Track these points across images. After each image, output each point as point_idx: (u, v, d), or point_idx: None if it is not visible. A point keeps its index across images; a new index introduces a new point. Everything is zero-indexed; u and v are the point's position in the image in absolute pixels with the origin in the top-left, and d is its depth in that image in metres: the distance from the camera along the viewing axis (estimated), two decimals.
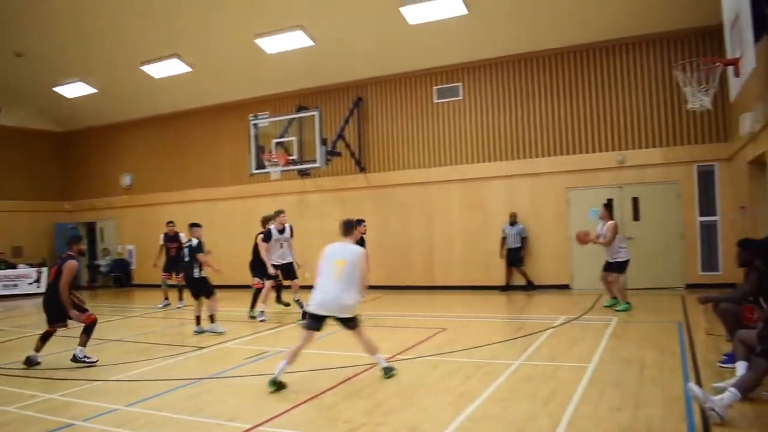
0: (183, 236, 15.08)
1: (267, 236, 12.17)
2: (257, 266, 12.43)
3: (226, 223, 18.70)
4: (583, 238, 11.45)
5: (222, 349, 9.32)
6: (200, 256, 10.81)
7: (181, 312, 13.80)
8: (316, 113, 15.54)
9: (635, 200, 14.06)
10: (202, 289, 10.93)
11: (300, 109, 17.03)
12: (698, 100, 8.88)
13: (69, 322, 8.54)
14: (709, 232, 13.50)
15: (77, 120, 21.45)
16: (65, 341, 10.13)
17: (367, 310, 12.37)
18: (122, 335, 10.85)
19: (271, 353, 8.74)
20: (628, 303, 11.12)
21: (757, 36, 6.98)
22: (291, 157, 16.06)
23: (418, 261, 16.16)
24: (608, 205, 11.90)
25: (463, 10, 13.37)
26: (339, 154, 16.49)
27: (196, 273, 10.89)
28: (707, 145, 13.52)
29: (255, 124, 16.42)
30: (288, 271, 12.32)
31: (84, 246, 9.27)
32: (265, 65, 16.38)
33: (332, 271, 6.82)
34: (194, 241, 10.97)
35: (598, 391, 6.04)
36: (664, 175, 13.85)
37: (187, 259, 10.97)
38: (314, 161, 15.53)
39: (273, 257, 12.05)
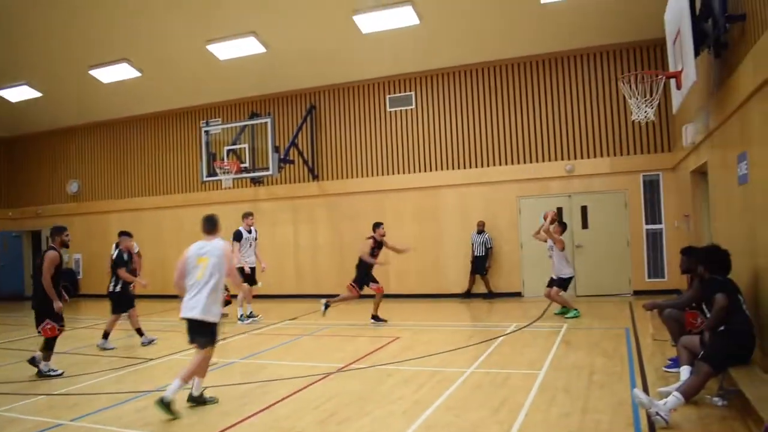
0: (136, 245, 14.92)
1: (238, 235, 12.63)
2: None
3: (176, 231, 18.39)
4: (548, 216, 11.71)
5: (171, 360, 9.15)
6: (119, 271, 10.40)
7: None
8: (268, 120, 15.46)
9: (584, 209, 14.35)
10: (114, 303, 10.54)
11: (252, 116, 16.90)
12: (642, 111, 9.11)
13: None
14: (654, 240, 13.87)
15: (21, 124, 20.80)
16: (13, 354, 9.87)
17: (321, 319, 12.35)
18: (69, 347, 10.54)
19: (221, 364, 8.61)
20: (576, 309, 11.38)
21: (697, 50, 7.22)
22: (243, 165, 15.94)
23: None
24: (563, 225, 12.11)
25: (415, 20, 13.48)
26: (292, 162, 16.43)
27: (111, 286, 10.55)
28: (652, 155, 13.91)
29: (206, 131, 16.25)
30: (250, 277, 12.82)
31: (67, 237, 8.81)
32: (217, 71, 16.19)
33: (195, 271, 6.46)
34: (114, 253, 10.62)
35: (548, 398, 6.14)
36: (612, 184, 14.19)
37: (108, 271, 10.79)
38: (267, 169, 15.45)
39: (246, 260, 12.68)
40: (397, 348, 9.30)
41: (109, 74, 16.71)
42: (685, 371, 5.85)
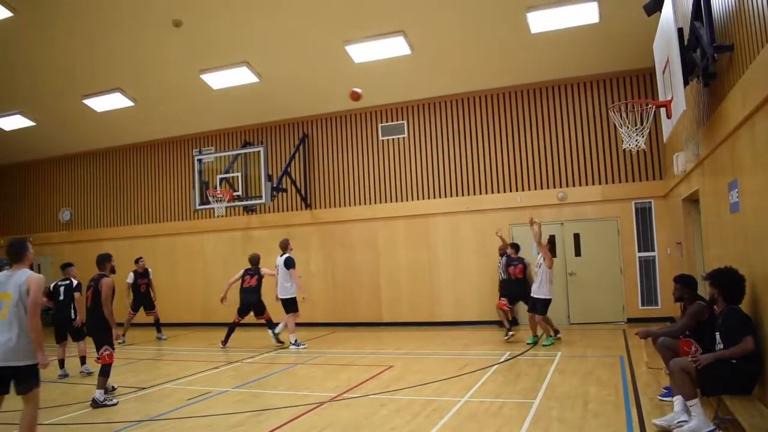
0: (150, 270, 15.16)
1: (292, 261, 12.89)
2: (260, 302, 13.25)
3: (168, 259, 18.33)
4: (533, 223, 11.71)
5: (162, 390, 9.06)
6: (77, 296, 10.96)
7: (122, 350, 13.40)
8: (261, 149, 15.53)
9: (576, 236, 14.38)
10: (77, 331, 10.84)
11: (245, 144, 16.98)
12: (633, 140, 9.19)
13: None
14: (647, 267, 13.88)
15: (14, 153, 20.78)
16: None
17: (314, 348, 12.27)
18: (58, 376, 10.44)
19: (214, 393, 8.54)
20: (552, 335, 11.63)
21: (686, 80, 7.31)
22: (236, 193, 15.99)
23: (364, 298, 16.11)
24: (551, 242, 12.11)
25: (407, 50, 13.62)
26: (284, 191, 16.46)
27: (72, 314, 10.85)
28: (644, 183, 13.99)
29: (199, 160, 16.32)
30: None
31: (114, 263, 9.14)
32: (210, 100, 16.27)
33: None
34: (74, 281, 11.22)
35: (542, 428, 6.09)
36: (604, 211, 14.23)
37: (62, 298, 10.97)
38: (260, 197, 15.50)
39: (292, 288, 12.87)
40: (390, 377, 9.23)
41: (102, 103, 16.75)
42: (678, 401, 5.80)
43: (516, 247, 12.83)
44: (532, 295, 11.71)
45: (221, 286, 13.95)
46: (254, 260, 13.50)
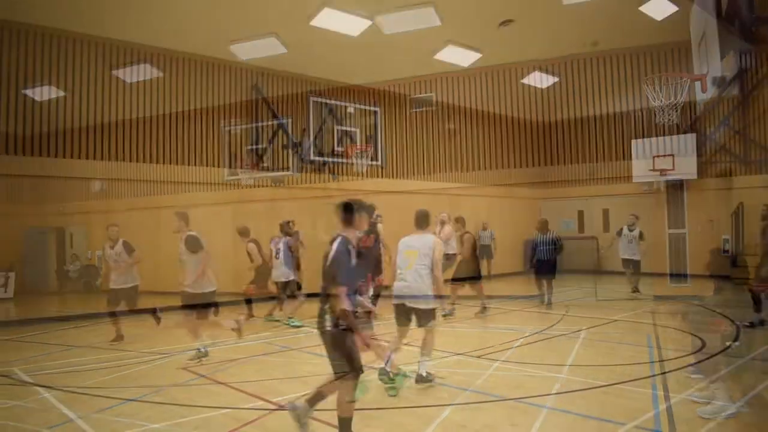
0: (301, 232, 14.37)
1: None
2: None
3: (196, 229, 18.49)
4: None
5: (159, 364, 9.20)
6: None
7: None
8: (289, 121, 15.54)
9: (605, 212, 14.22)
10: None
11: (273, 116, 16.98)
12: (666, 114, 9.02)
13: None
14: (677, 244, 13.70)
15: (46, 123, 21.02)
16: (35, 348, 10.02)
17: None
18: (92, 341, 10.70)
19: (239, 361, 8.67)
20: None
21: (723, 53, 7.13)
22: (264, 164, 16.05)
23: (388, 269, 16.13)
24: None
25: (436, 22, 13.46)
26: (312, 162, 16.49)
27: None
28: (676, 159, 13.72)
29: (228, 131, 16.39)
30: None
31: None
32: (239, 71, 16.28)
33: None
34: None
35: (566, 401, 6.09)
36: (634, 187, 14.03)
37: None
38: (287, 169, 15.54)
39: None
40: (409, 349, 9.25)
41: (131, 74, 16.87)
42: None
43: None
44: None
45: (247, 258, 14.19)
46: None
